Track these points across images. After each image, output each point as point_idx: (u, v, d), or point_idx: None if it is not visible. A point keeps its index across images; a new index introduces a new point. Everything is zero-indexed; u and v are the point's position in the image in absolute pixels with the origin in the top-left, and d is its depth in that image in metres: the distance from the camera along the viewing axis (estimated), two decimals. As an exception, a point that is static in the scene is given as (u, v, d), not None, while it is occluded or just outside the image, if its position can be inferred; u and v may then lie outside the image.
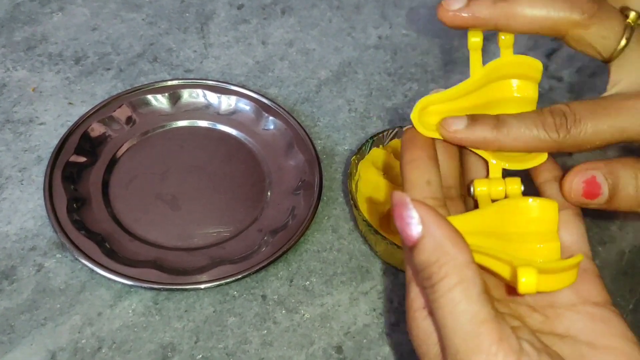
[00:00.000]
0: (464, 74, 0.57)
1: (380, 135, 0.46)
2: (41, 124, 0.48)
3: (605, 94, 0.32)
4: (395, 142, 0.47)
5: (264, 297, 0.41)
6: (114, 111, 0.48)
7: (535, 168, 0.32)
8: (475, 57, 0.32)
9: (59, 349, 0.37)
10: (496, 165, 0.31)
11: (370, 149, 0.46)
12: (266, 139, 0.49)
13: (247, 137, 0.49)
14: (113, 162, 0.46)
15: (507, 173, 0.32)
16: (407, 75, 0.56)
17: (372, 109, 0.53)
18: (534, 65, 0.31)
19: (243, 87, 0.51)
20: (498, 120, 0.30)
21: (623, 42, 0.31)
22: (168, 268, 0.40)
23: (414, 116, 0.31)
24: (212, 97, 0.50)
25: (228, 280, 0.40)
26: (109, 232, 0.42)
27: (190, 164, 0.47)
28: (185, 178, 0.46)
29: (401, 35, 0.60)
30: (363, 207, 0.43)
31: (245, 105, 0.50)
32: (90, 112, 0.47)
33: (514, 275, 0.25)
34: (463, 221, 0.29)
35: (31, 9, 0.56)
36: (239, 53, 0.56)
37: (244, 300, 0.41)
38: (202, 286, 0.40)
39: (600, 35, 0.31)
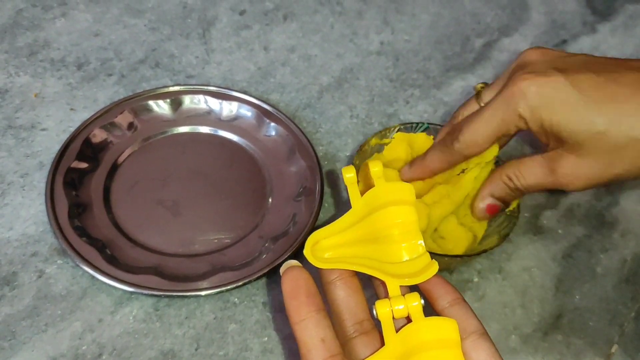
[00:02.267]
0: (466, 80, 0.57)
1: (408, 125, 0.46)
2: (43, 129, 0.48)
3: None
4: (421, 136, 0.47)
5: (264, 304, 0.41)
6: (116, 117, 0.48)
7: (431, 296, 0.32)
8: (352, 190, 0.33)
9: (59, 355, 0.37)
10: (393, 284, 0.31)
11: (395, 133, 0.46)
12: (267, 145, 0.49)
13: (249, 143, 0.49)
14: (114, 168, 0.46)
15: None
16: (409, 81, 0.56)
17: (374, 115, 0.53)
18: (406, 190, 0.32)
19: (245, 93, 0.51)
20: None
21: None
22: (169, 274, 0.40)
23: (306, 252, 0.32)
24: (214, 103, 0.50)
25: (229, 287, 0.40)
26: (110, 238, 0.42)
27: (191, 170, 0.47)
28: (186, 184, 0.46)
29: (403, 41, 0.60)
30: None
31: (246, 111, 0.50)
32: (92, 118, 0.47)
33: None
34: None
35: (34, 14, 0.57)
36: (241, 59, 0.56)
37: (245, 307, 0.41)
38: (203, 293, 0.40)
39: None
